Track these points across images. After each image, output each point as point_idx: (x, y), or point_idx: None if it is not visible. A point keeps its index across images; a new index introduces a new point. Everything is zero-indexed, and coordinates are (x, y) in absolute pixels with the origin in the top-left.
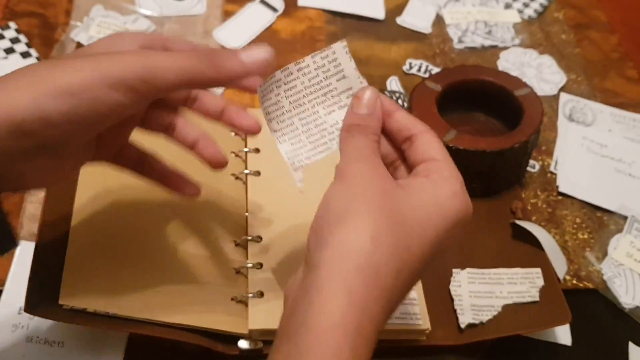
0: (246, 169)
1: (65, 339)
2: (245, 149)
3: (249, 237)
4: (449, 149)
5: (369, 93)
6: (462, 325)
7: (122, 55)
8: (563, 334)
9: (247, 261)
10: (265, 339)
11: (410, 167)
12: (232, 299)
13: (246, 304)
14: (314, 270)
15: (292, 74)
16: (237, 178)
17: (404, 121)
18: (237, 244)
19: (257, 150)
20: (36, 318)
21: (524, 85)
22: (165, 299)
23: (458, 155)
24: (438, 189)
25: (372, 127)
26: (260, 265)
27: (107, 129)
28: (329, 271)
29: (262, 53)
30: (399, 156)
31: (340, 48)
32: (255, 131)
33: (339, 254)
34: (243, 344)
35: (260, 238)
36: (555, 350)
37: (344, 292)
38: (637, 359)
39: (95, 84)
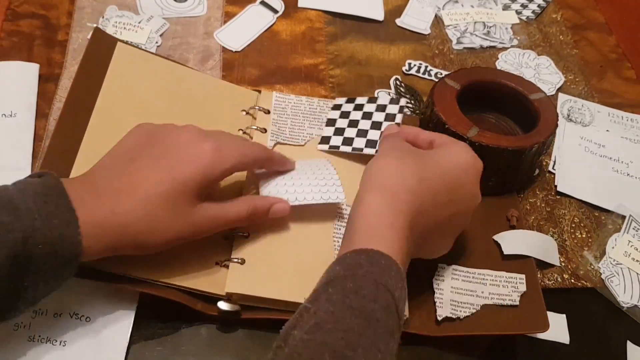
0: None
1: (66, 338)
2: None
3: None
4: (472, 144)
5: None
6: (439, 318)
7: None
8: (561, 333)
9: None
10: (244, 304)
11: None
12: (217, 263)
13: (228, 268)
14: (358, 191)
15: None
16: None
17: (427, 135)
18: None
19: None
20: (38, 317)
21: (538, 89)
22: (157, 261)
23: (480, 151)
24: (450, 148)
25: (402, 133)
26: (248, 235)
27: None
28: (365, 183)
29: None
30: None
31: None
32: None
33: (373, 172)
34: (222, 305)
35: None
36: (553, 348)
37: (376, 190)
38: (636, 358)
39: None
